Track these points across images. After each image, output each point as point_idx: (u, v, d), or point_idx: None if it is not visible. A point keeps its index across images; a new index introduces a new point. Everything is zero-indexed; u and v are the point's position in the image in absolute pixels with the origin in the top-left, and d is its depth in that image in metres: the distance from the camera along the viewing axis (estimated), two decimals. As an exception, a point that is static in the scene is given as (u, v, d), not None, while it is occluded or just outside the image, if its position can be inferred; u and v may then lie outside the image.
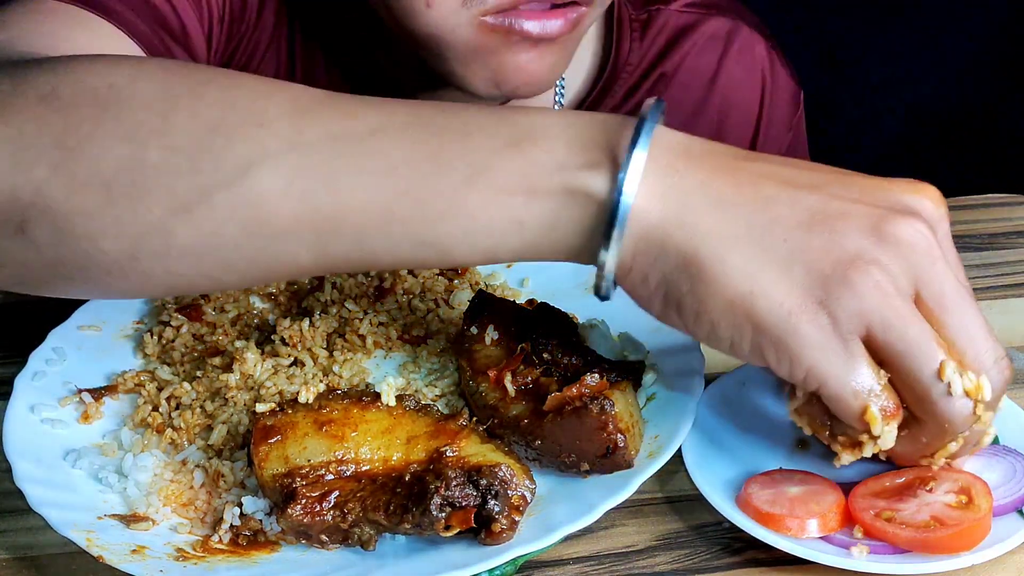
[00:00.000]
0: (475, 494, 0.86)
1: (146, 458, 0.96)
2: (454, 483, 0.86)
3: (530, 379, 0.96)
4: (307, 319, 1.05)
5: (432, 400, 1.00)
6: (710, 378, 1.02)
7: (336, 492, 0.88)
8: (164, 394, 1.02)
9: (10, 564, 0.93)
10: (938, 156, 2.77)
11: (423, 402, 0.96)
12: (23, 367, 1.04)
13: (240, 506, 0.91)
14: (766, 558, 0.91)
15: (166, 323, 1.10)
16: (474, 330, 1.00)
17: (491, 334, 1.00)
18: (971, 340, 0.75)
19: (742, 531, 0.90)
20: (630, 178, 0.74)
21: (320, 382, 1.00)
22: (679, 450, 0.94)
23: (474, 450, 0.90)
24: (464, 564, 0.85)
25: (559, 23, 1.10)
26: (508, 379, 0.95)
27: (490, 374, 0.96)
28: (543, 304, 1.02)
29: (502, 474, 0.87)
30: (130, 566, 0.86)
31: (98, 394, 1.04)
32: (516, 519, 0.87)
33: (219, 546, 0.90)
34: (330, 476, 0.89)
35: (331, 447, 0.91)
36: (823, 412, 0.82)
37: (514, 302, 1.05)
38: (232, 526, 0.91)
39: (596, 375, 0.93)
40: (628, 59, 1.40)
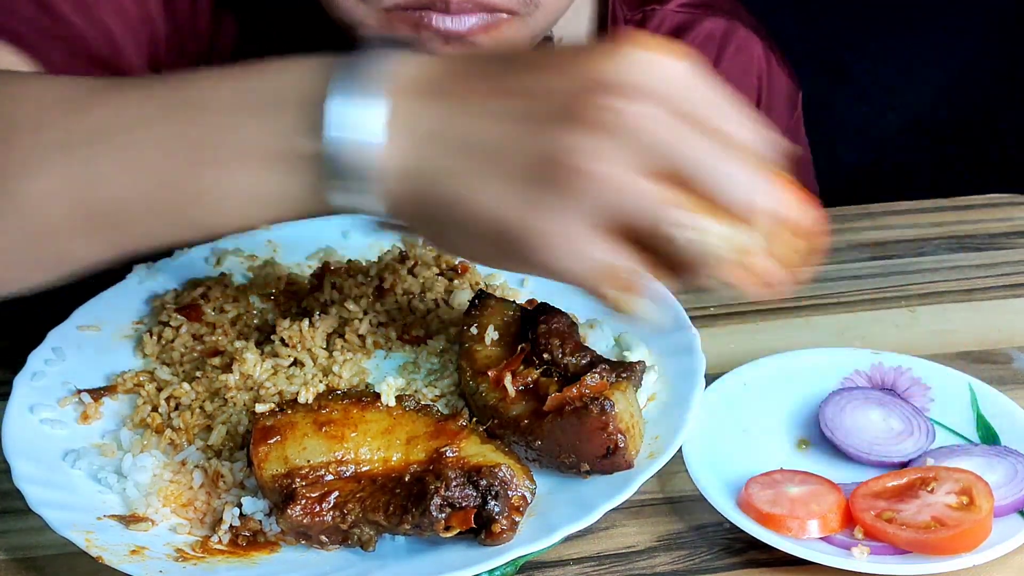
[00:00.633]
0: (475, 494, 0.86)
1: (145, 458, 0.96)
2: (454, 483, 0.85)
3: (530, 379, 0.96)
4: (307, 319, 1.05)
5: (432, 400, 1.00)
6: (710, 378, 1.02)
7: (336, 493, 0.88)
8: (163, 394, 1.02)
9: (10, 564, 0.93)
10: (938, 156, 2.77)
11: (423, 402, 0.96)
12: (22, 367, 1.04)
13: (240, 506, 0.91)
14: (766, 559, 0.91)
15: (165, 323, 1.09)
16: (474, 330, 1.00)
17: (491, 334, 1.00)
18: (723, 195, 0.72)
19: (742, 531, 0.90)
20: (352, 135, 0.74)
21: (320, 382, 1.00)
22: (679, 450, 0.94)
23: (474, 450, 0.90)
24: (464, 565, 0.85)
25: (471, 20, 1.08)
26: (508, 379, 0.95)
27: (490, 374, 0.96)
28: (543, 304, 1.02)
29: (502, 474, 0.86)
30: (130, 566, 0.86)
31: (97, 394, 1.03)
32: (516, 519, 0.86)
33: (219, 547, 0.90)
34: (330, 477, 0.89)
35: (331, 447, 0.90)
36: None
37: (514, 302, 1.05)
38: (232, 526, 0.90)
39: (596, 375, 0.93)
40: None
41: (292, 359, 1.03)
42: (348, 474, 0.90)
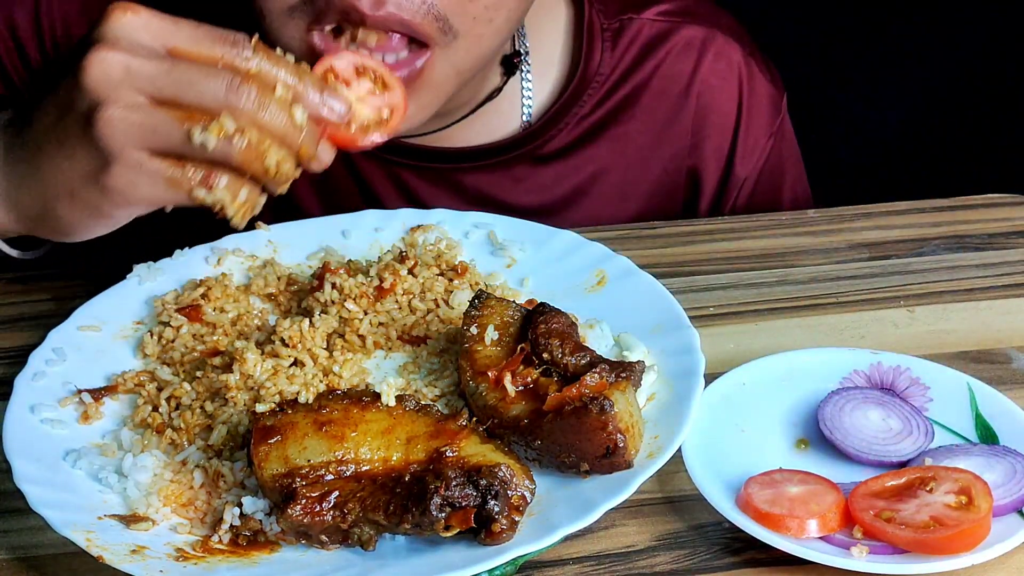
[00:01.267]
0: (475, 494, 0.86)
1: (146, 458, 0.96)
2: (454, 483, 0.86)
3: (530, 379, 0.96)
4: (307, 320, 1.05)
5: (432, 400, 1.00)
6: (710, 378, 1.02)
7: (336, 492, 0.88)
8: (164, 394, 1.02)
9: (10, 564, 0.93)
10: (938, 156, 2.77)
11: (423, 402, 0.96)
12: (23, 367, 1.04)
13: (240, 506, 0.91)
14: (766, 558, 0.91)
15: (166, 323, 1.10)
16: (474, 330, 1.00)
17: (491, 334, 1.00)
18: (199, 95, 0.90)
19: (742, 531, 0.90)
20: None
21: (320, 382, 1.00)
22: (679, 450, 0.94)
23: (474, 450, 0.90)
24: (464, 564, 0.85)
25: (393, 56, 1.10)
26: (508, 379, 0.95)
27: (490, 374, 0.96)
28: (543, 304, 1.02)
29: (502, 474, 0.87)
30: (130, 566, 0.86)
31: (98, 394, 1.03)
32: (516, 519, 0.87)
33: (219, 546, 0.90)
34: (330, 476, 0.89)
35: (331, 447, 0.91)
36: None
37: (514, 302, 1.05)
38: (232, 526, 0.91)
39: (596, 375, 0.93)
40: (599, 69, 1.38)
41: (292, 359, 1.03)
42: (348, 474, 0.90)
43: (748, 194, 1.47)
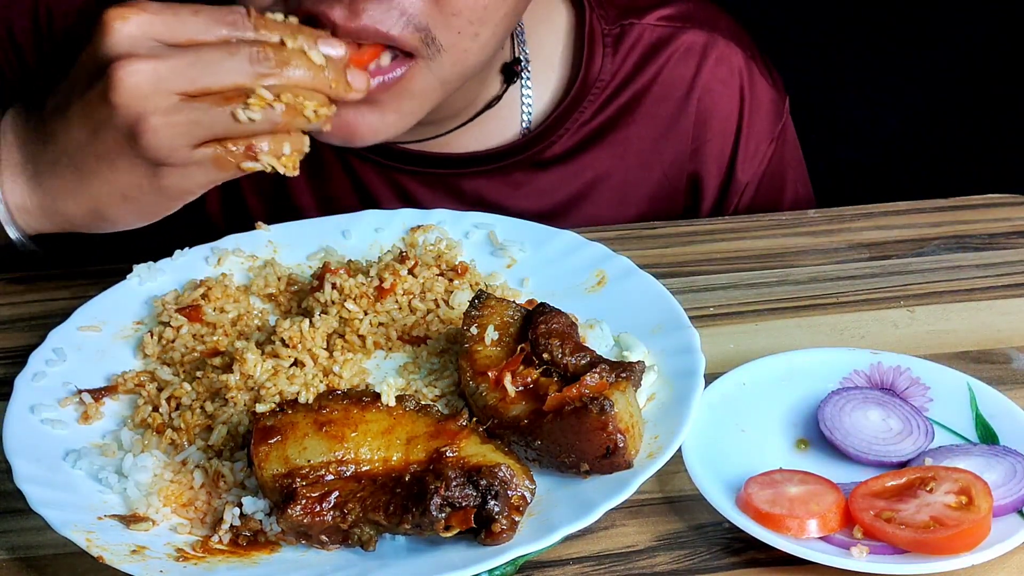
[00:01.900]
0: (475, 494, 0.86)
1: (146, 458, 0.96)
2: (454, 483, 0.86)
3: (530, 379, 0.96)
4: (307, 320, 1.05)
5: (432, 400, 1.00)
6: (710, 378, 1.02)
7: (336, 492, 0.88)
8: (164, 394, 1.02)
9: (11, 564, 0.93)
10: (938, 156, 2.77)
11: (423, 402, 0.96)
12: (23, 367, 1.04)
13: (240, 506, 0.91)
14: (766, 558, 0.91)
15: (166, 324, 1.10)
16: (474, 330, 1.00)
17: (491, 334, 1.00)
18: (228, 78, 0.94)
19: (742, 531, 0.90)
20: None
21: (320, 382, 1.00)
22: (679, 450, 0.94)
23: (474, 450, 0.90)
24: (464, 564, 0.85)
25: (373, 81, 1.09)
26: (508, 379, 0.95)
27: (490, 374, 0.96)
28: (543, 304, 1.02)
29: (502, 474, 0.87)
30: (130, 566, 0.86)
31: (98, 394, 1.03)
32: (516, 519, 0.87)
33: (219, 546, 0.90)
34: (330, 476, 0.89)
35: (331, 447, 0.91)
36: None
37: (514, 302, 1.05)
38: (232, 526, 0.91)
39: (596, 375, 0.93)
40: (600, 75, 1.38)
41: (292, 359, 1.03)
42: (348, 474, 0.90)
43: (749, 199, 1.46)
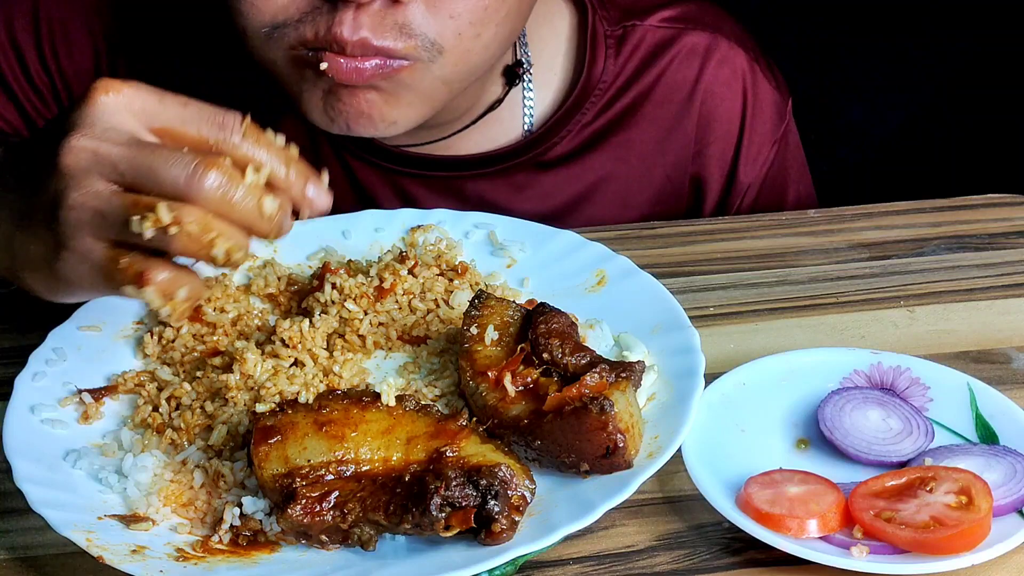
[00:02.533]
0: (475, 494, 0.86)
1: (146, 458, 0.96)
2: (454, 483, 0.86)
3: (530, 379, 0.96)
4: (307, 320, 1.05)
5: (432, 400, 1.00)
6: (710, 378, 1.02)
7: (336, 492, 0.88)
8: (164, 394, 1.02)
9: (10, 564, 0.93)
10: (938, 156, 2.77)
11: (423, 402, 0.96)
12: (23, 367, 1.04)
13: (240, 506, 0.91)
14: (766, 558, 0.91)
15: (166, 323, 1.10)
16: (474, 330, 1.00)
17: (491, 334, 1.00)
18: (154, 181, 0.86)
19: (742, 531, 0.90)
20: None
21: (320, 382, 1.00)
22: (679, 450, 0.94)
23: (474, 450, 0.90)
24: (464, 564, 0.85)
25: (369, 68, 1.10)
26: (508, 379, 0.95)
27: (490, 374, 0.96)
28: (543, 304, 1.02)
29: (502, 474, 0.87)
30: (130, 566, 0.86)
31: (98, 394, 1.04)
32: (516, 519, 0.87)
33: (219, 546, 0.90)
34: (330, 476, 0.89)
35: (331, 447, 0.91)
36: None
37: (514, 302, 1.05)
38: (232, 526, 0.91)
39: (596, 375, 0.93)
40: (602, 76, 1.38)
41: (292, 359, 1.03)
42: (348, 474, 0.90)
43: (751, 201, 1.46)
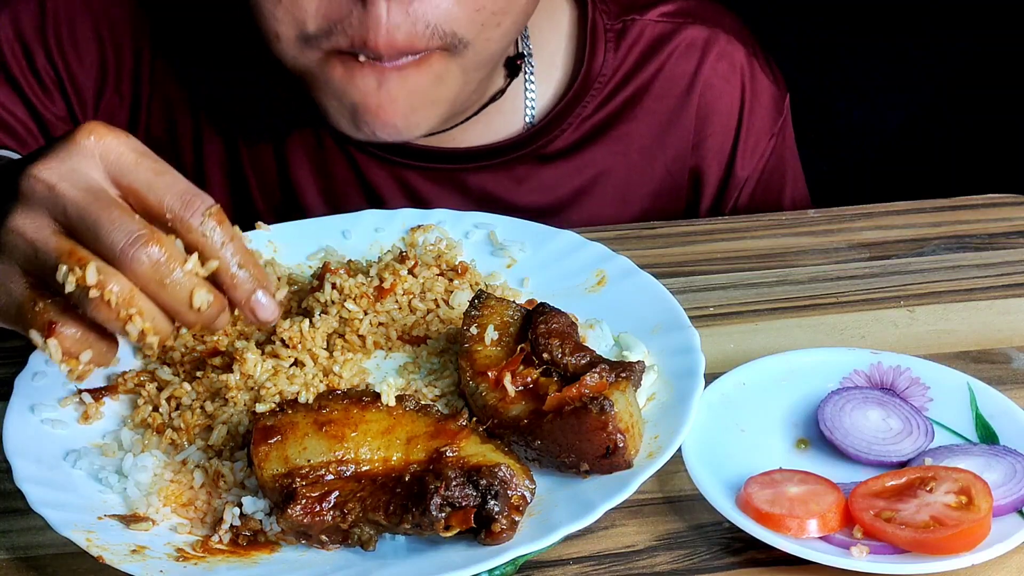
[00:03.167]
0: (475, 494, 0.86)
1: (146, 458, 0.96)
2: (454, 483, 0.86)
3: (530, 379, 0.96)
4: (307, 320, 1.05)
5: (432, 400, 1.00)
6: (710, 378, 1.02)
7: (336, 492, 0.88)
8: (164, 394, 1.02)
9: (11, 564, 0.93)
10: (938, 156, 2.77)
11: (423, 402, 0.96)
12: (23, 367, 1.04)
13: (240, 506, 0.91)
14: (766, 558, 0.91)
15: (166, 323, 1.09)
16: (474, 330, 1.00)
17: (491, 334, 1.00)
18: (95, 238, 0.85)
19: (742, 531, 0.90)
20: None
21: (320, 382, 1.00)
22: (679, 450, 0.94)
23: (474, 450, 0.90)
24: (464, 564, 0.85)
25: (399, 64, 1.14)
26: (508, 379, 0.95)
27: (490, 374, 0.96)
28: (543, 304, 1.02)
29: (502, 474, 0.87)
30: (130, 566, 0.86)
31: (98, 394, 1.03)
32: (516, 519, 0.87)
33: (219, 546, 0.90)
34: (330, 476, 0.89)
35: (331, 447, 0.91)
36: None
37: (514, 302, 1.05)
38: (232, 526, 0.91)
39: (596, 375, 0.93)
40: (602, 70, 1.39)
41: (292, 359, 1.03)
42: (348, 474, 0.90)
43: (749, 194, 1.47)
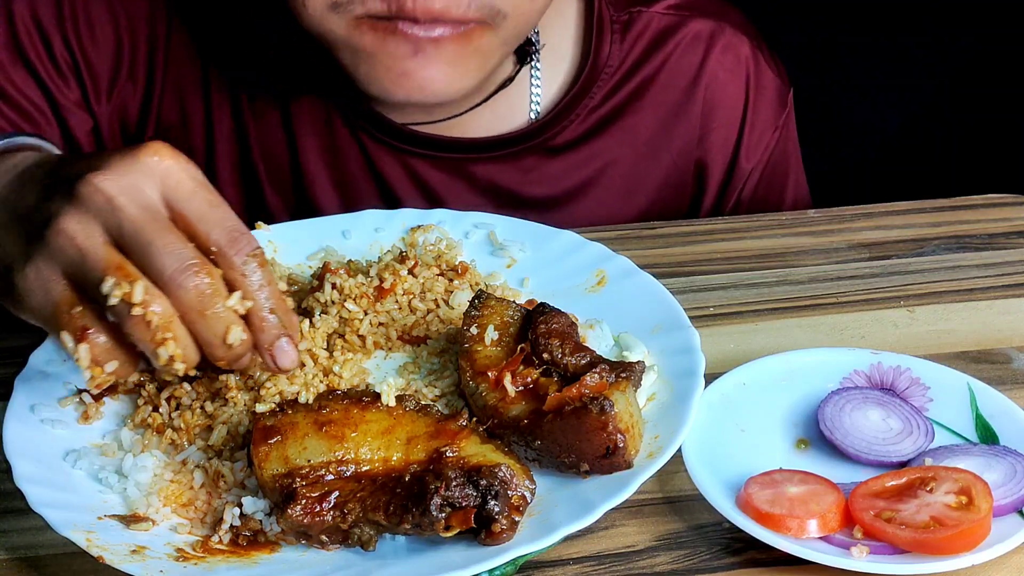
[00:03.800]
0: (475, 494, 0.86)
1: (146, 458, 0.96)
2: (454, 483, 0.86)
3: (530, 379, 0.96)
4: (307, 320, 1.05)
5: (432, 400, 1.00)
6: (710, 378, 1.02)
7: (336, 492, 0.88)
8: (164, 394, 1.02)
9: (10, 564, 0.93)
10: (938, 156, 2.77)
11: (423, 402, 0.96)
12: (23, 367, 1.04)
13: (240, 506, 0.91)
14: (766, 558, 0.91)
15: (166, 323, 1.09)
16: (474, 330, 1.00)
17: (491, 334, 1.00)
18: (146, 258, 0.85)
19: (742, 531, 0.90)
20: None
21: (320, 382, 1.00)
22: (679, 450, 0.94)
23: (474, 450, 0.90)
24: (464, 564, 0.85)
25: (440, 30, 1.15)
26: (508, 379, 0.95)
27: (490, 374, 0.96)
28: (543, 304, 1.02)
29: (502, 474, 0.87)
30: (130, 566, 0.86)
31: (98, 395, 1.03)
32: (516, 519, 0.87)
33: (219, 546, 0.90)
34: (330, 476, 0.89)
35: (331, 447, 0.91)
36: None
37: (514, 302, 1.05)
38: (232, 526, 0.91)
39: (596, 375, 0.93)
40: (608, 61, 1.40)
41: (292, 359, 1.03)
42: (348, 474, 0.90)
43: (753, 187, 1.48)
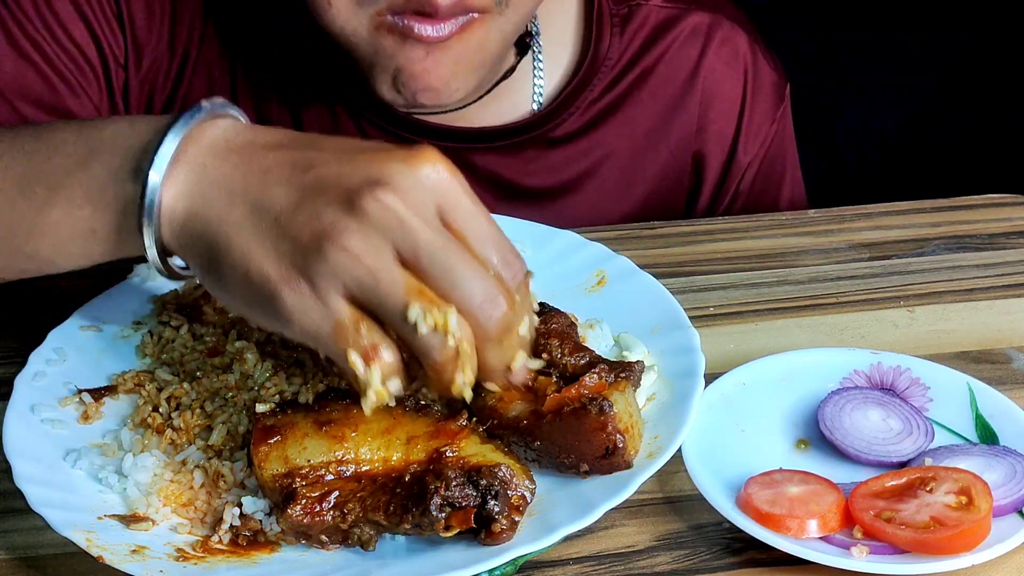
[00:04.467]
0: (475, 494, 0.86)
1: (146, 458, 0.96)
2: (454, 483, 0.86)
3: (530, 379, 0.96)
4: (307, 319, 1.05)
5: (432, 400, 1.00)
6: (710, 378, 1.02)
7: (336, 492, 0.88)
8: (164, 394, 1.02)
9: (10, 564, 0.93)
10: (938, 156, 2.78)
11: (423, 402, 0.96)
12: (23, 367, 1.04)
13: (240, 506, 0.91)
14: (766, 558, 0.91)
15: (166, 323, 1.10)
16: (474, 330, 1.00)
17: (491, 334, 1.00)
18: (452, 285, 0.82)
19: (742, 531, 0.90)
20: (152, 180, 0.86)
21: (320, 382, 1.00)
22: (679, 450, 0.94)
23: (474, 450, 0.90)
24: (464, 564, 0.85)
25: (448, 27, 1.16)
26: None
27: (490, 374, 0.96)
28: (543, 304, 1.02)
29: (502, 474, 0.87)
30: (130, 566, 0.86)
31: (98, 394, 1.03)
32: (516, 519, 0.87)
33: (219, 546, 0.90)
34: (330, 476, 0.89)
35: (331, 447, 0.91)
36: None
37: (514, 302, 1.05)
38: (232, 526, 0.91)
39: (595, 375, 0.93)
40: (608, 53, 1.41)
41: (292, 359, 1.03)
42: (348, 474, 0.90)
43: (750, 180, 1.49)
